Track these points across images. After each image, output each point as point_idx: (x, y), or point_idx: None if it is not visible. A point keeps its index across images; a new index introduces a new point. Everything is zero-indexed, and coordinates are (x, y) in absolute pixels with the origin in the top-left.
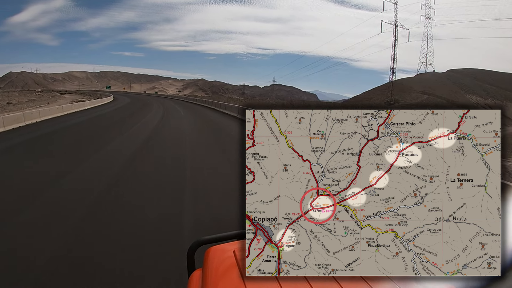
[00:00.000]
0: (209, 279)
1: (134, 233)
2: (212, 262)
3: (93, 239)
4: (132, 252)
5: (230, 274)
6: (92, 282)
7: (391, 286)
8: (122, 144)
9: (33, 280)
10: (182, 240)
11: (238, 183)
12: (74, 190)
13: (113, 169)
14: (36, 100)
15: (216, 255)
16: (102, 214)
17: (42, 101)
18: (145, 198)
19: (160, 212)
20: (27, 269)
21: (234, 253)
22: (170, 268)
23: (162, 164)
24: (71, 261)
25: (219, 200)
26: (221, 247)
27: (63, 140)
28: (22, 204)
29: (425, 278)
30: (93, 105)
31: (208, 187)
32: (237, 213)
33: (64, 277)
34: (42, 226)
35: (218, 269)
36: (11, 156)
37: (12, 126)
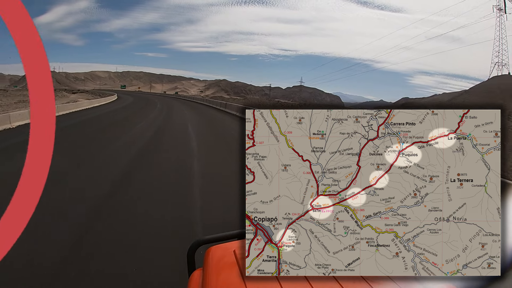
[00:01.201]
0: (209, 279)
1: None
2: (212, 262)
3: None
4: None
5: (230, 274)
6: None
7: (391, 286)
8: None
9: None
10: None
11: (238, 184)
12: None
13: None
14: (27, 101)
15: (216, 254)
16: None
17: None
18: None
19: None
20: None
21: (234, 253)
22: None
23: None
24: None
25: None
26: (221, 246)
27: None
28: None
29: (425, 278)
30: (92, 105)
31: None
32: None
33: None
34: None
35: (218, 269)
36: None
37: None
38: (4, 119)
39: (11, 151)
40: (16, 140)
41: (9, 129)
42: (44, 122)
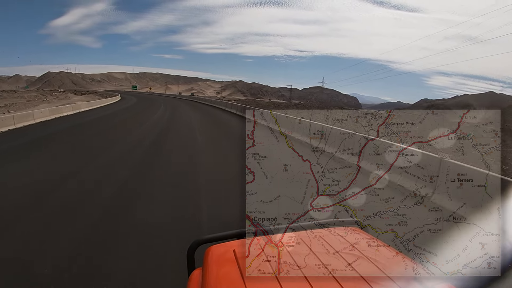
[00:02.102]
0: (209, 278)
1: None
2: (212, 261)
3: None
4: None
5: (230, 274)
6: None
7: (391, 286)
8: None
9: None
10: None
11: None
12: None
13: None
14: (15, 104)
15: (216, 254)
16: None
17: (34, 103)
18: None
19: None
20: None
21: (234, 253)
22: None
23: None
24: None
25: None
26: (221, 246)
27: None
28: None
29: (425, 278)
30: (90, 107)
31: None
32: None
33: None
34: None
35: (218, 268)
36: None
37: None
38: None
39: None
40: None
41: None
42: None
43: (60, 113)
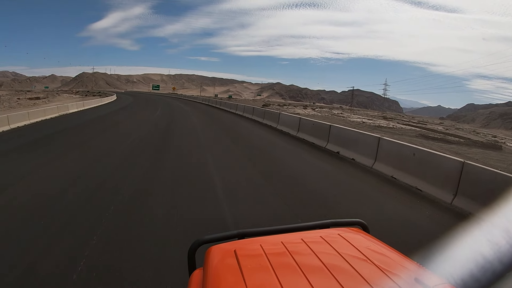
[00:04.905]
0: (210, 279)
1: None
2: (213, 261)
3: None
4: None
5: (231, 274)
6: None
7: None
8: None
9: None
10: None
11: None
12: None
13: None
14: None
15: (217, 254)
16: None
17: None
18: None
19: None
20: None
21: (235, 253)
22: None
23: None
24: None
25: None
26: (222, 246)
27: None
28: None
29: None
30: (79, 108)
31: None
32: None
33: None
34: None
35: (219, 268)
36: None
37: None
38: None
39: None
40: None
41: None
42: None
43: (51, 114)
